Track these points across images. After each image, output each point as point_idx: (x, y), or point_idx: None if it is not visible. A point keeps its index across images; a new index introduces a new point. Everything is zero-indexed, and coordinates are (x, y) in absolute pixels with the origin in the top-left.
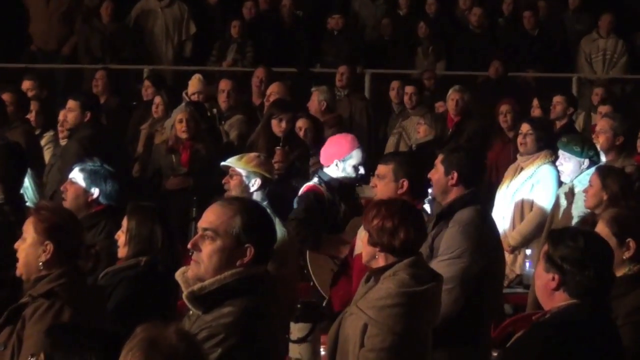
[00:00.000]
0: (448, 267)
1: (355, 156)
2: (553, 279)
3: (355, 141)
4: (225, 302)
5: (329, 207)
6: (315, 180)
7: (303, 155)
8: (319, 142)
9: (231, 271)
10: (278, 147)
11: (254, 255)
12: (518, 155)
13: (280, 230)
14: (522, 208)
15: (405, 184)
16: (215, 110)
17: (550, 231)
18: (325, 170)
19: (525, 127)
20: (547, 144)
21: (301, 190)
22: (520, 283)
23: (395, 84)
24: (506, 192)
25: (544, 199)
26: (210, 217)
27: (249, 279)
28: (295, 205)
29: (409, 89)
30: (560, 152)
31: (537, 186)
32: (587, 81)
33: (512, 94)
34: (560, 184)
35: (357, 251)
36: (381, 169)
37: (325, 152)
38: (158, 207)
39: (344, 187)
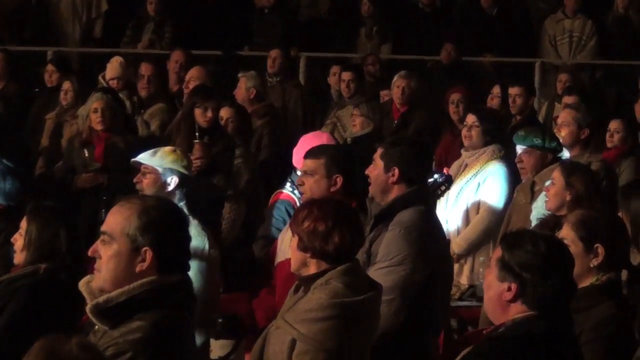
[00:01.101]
0: (387, 276)
1: None
2: (509, 288)
3: (332, 140)
4: (135, 316)
5: None
6: (288, 186)
7: (226, 149)
8: (245, 134)
9: (140, 281)
10: (197, 141)
11: (153, 260)
12: (462, 151)
13: (199, 234)
14: (468, 211)
15: (340, 180)
16: (135, 98)
17: (504, 235)
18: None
19: (470, 119)
20: (496, 138)
21: (271, 199)
22: (473, 295)
23: (336, 69)
24: (449, 192)
25: (492, 199)
26: (109, 219)
27: (161, 290)
28: (266, 218)
29: (346, 76)
30: (519, 148)
31: (484, 185)
32: (552, 67)
33: (467, 81)
34: (513, 182)
35: (280, 257)
36: (311, 163)
37: (297, 152)
38: (63, 208)
39: None
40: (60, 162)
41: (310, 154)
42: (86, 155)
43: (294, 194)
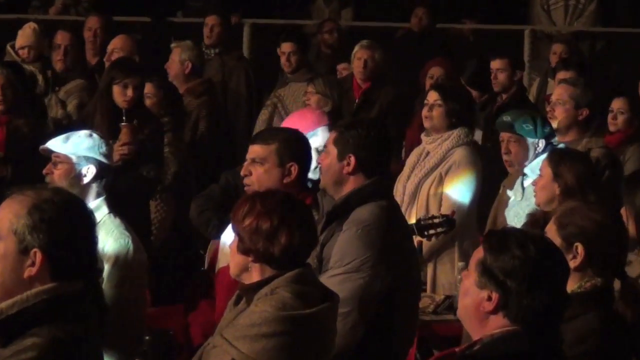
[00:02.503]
0: (342, 284)
1: (322, 136)
2: (489, 298)
3: (324, 118)
4: (29, 331)
5: None
6: None
7: (155, 134)
8: (173, 115)
9: (35, 289)
10: (124, 124)
11: (44, 264)
12: (423, 135)
13: (120, 235)
14: (428, 206)
15: (295, 170)
16: (49, 73)
17: (488, 234)
18: None
19: (432, 96)
20: (462, 120)
21: None
22: (450, 308)
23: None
24: (407, 184)
25: (457, 194)
26: None
27: (59, 300)
28: None
29: (286, 47)
30: (505, 135)
31: (448, 176)
32: (545, 36)
33: (442, 52)
34: (485, 173)
35: (221, 263)
36: (259, 150)
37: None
38: None
39: None
40: None
41: (258, 138)
42: None
43: None
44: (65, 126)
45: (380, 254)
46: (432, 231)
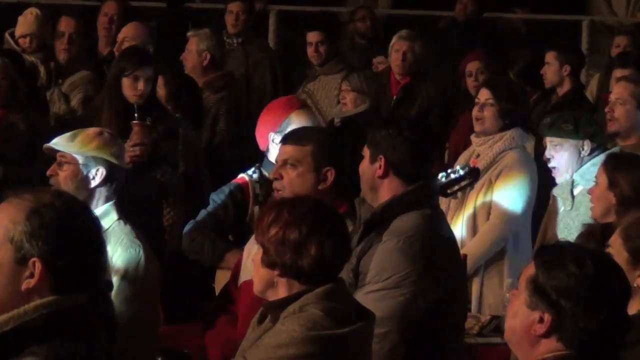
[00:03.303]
0: (381, 302)
1: (296, 121)
2: (541, 319)
3: (295, 102)
4: (27, 349)
5: (257, 204)
6: (249, 171)
7: (170, 133)
8: (191, 111)
9: (34, 303)
10: (136, 122)
11: (44, 275)
12: (472, 137)
13: (131, 244)
14: (475, 215)
15: (331, 175)
16: (52, 64)
17: (540, 249)
18: (268, 157)
19: (483, 95)
20: (516, 121)
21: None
22: (497, 329)
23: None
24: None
25: (509, 200)
26: None
27: (61, 315)
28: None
29: (313, 37)
30: (548, 140)
31: (498, 182)
32: (605, 27)
33: (490, 44)
34: (542, 181)
35: (244, 276)
36: (293, 151)
37: (258, 127)
38: None
39: None
40: None
41: (292, 138)
42: None
43: (251, 176)
44: (69, 123)
45: (423, 269)
46: (455, 187)
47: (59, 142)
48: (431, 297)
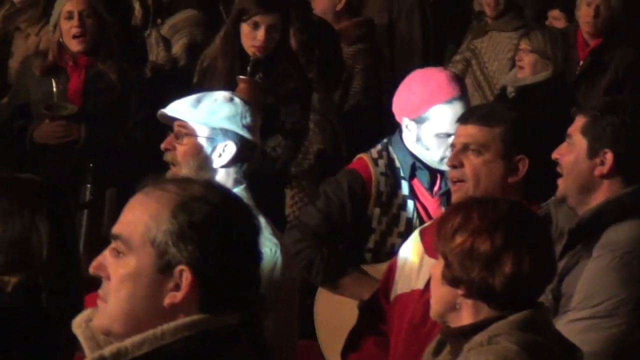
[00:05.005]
0: (588, 333)
1: (452, 112)
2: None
3: (457, 86)
4: None
5: (379, 205)
6: (374, 151)
7: (294, 96)
8: (328, 67)
9: (175, 322)
10: (242, 77)
11: (194, 287)
12: None
13: (266, 241)
14: None
15: (524, 166)
16: (150, 1)
17: None
18: (401, 136)
19: None
20: None
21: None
22: None
23: None
24: None
25: None
26: (126, 215)
27: (207, 339)
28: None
29: None
30: None
31: None
32: None
33: None
34: None
35: (400, 287)
36: (477, 132)
37: (396, 98)
38: (47, 184)
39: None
40: (4, 100)
41: (475, 116)
42: (54, 89)
43: (376, 162)
44: (169, 74)
45: None
46: None
47: (178, 109)
48: None
